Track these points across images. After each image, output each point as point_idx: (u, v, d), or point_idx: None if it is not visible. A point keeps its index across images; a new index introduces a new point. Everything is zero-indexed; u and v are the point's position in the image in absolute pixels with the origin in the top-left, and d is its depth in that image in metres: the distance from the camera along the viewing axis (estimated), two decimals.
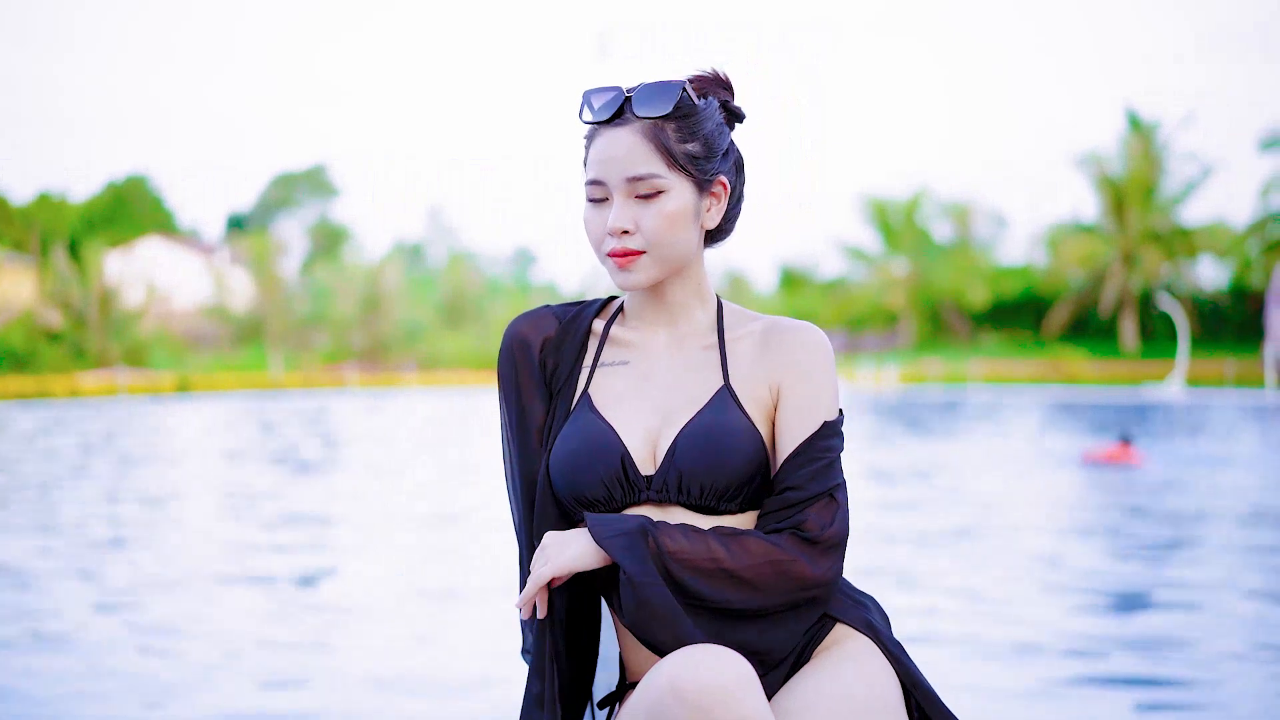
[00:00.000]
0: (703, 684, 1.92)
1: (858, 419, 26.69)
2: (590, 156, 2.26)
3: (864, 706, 2.12)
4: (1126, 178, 56.81)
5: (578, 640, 2.36)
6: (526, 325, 2.40)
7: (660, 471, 2.22)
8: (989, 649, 5.59)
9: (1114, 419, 26.08)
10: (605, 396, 2.32)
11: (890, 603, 5.77)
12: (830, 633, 2.25)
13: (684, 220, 2.25)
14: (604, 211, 2.25)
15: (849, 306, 64.91)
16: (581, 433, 2.26)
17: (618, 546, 2.11)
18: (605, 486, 2.23)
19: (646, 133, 2.21)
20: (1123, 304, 57.26)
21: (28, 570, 7.89)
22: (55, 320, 52.62)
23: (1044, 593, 7.09)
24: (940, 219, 65.72)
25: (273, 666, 5.32)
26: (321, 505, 11.54)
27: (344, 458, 17.90)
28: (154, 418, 28.12)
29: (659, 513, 2.22)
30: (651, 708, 1.96)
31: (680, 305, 2.35)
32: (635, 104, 2.22)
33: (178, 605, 6.77)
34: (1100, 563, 8.21)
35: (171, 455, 18.11)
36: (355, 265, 66.62)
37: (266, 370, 52.39)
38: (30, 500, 11.95)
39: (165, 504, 11.80)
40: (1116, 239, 56.79)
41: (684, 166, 2.23)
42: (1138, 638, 5.83)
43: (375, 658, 5.52)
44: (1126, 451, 15.12)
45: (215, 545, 9.17)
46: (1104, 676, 5.12)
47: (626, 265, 2.24)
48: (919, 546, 8.83)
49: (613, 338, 2.39)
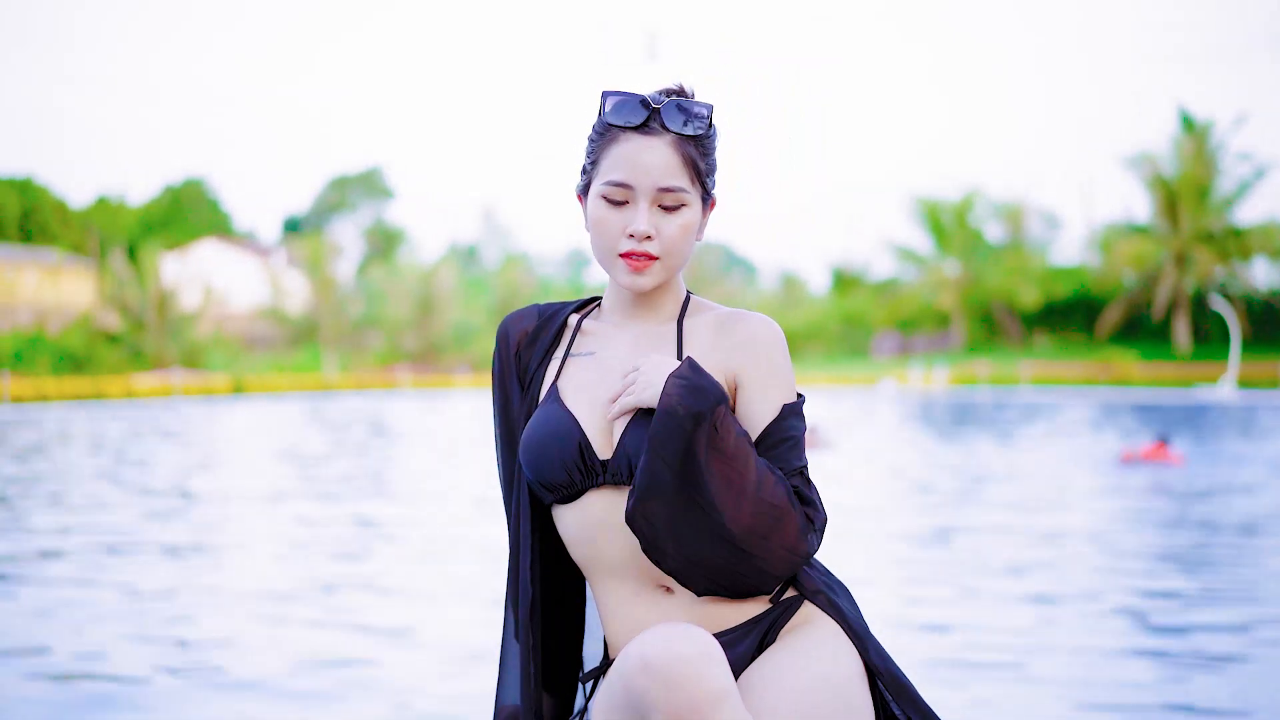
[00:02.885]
0: (671, 658, 2.04)
1: (903, 419, 26.74)
2: (612, 156, 2.37)
3: (825, 684, 2.24)
4: (1179, 178, 56.28)
5: (565, 620, 2.55)
6: (510, 322, 2.56)
7: (615, 457, 2.33)
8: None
9: (1159, 420, 25.99)
10: (570, 386, 2.44)
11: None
12: (797, 613, 2.37)
13: (694, 232, 2.39)
14: (622, 213, 2.36)
15: (900, 308, 64.56)
16: (544, 421, 2.39)
17: (673, 425, 2.23)
18: (565, 471, 2.35)
19: (677, 146, 2.35)
20: (1175, 305, 56.77)
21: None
22: (113, 322, 53.04)
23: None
24: (992, 220, 65.36)
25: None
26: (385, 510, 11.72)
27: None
28: (208, 418, 28.41)
29: (618, 495, 2.34)
30: (624, 681, 2.10)
31: (655, 303, 2.47)
32: (667, 117, 2.35)
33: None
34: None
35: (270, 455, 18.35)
36: (409, 267, 66.71)
37: (321, 372, 52.67)
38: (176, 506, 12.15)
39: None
40: (1169, 240, 56.30)
41: (701, 182, 2.39)
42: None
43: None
44: (1163, 451, 15.19)
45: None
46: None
47: (641, 269, 2.37)
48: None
49: (584, 330, 2.52)
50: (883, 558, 8.30)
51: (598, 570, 2.39)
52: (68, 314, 55.40)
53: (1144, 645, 5.65)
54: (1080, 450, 17.98)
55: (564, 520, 2.40)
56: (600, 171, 2.38)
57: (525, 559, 2.44)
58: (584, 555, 2.39)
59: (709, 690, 2.04)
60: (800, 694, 2.22)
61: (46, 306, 56.62)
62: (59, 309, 56.58)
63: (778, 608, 2.37)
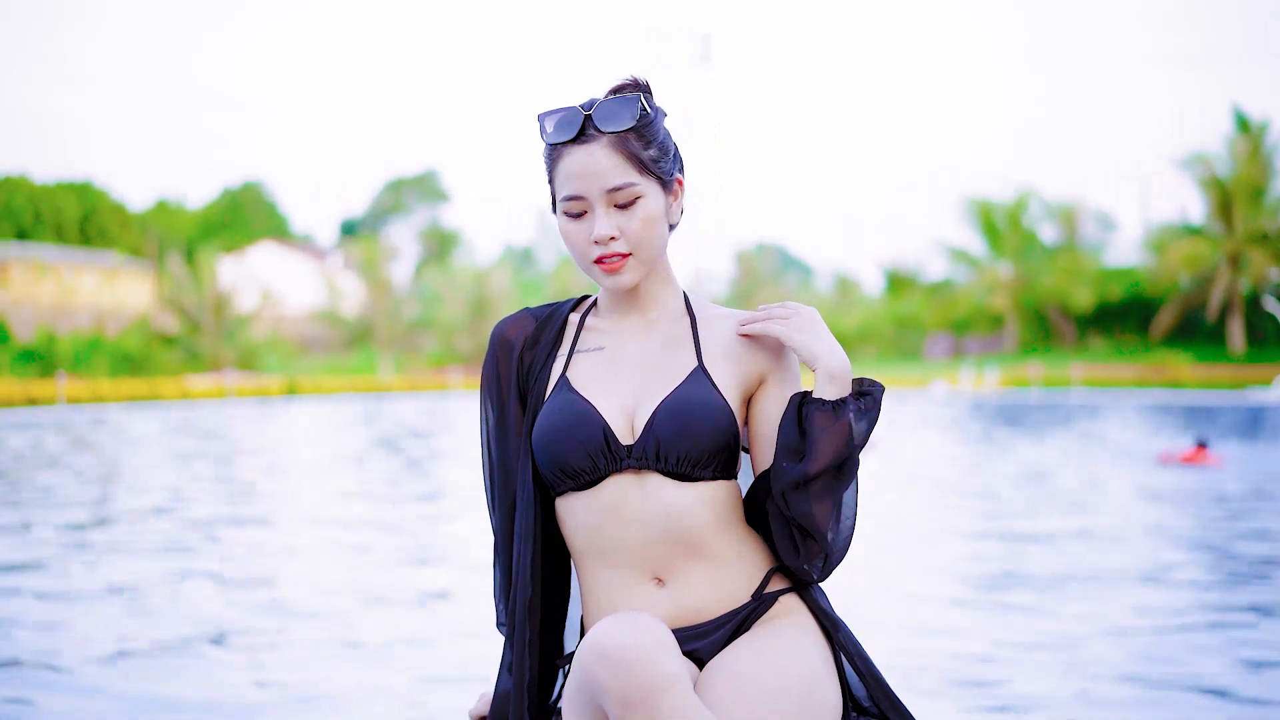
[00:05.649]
0: (622, 645, 2.10)
1: (950, 421, 26.72)
2: (561, 174, 2.41)
3: (788, 668, 2.31)
4: (1233, 178, 55.64)
5: (549, 611, 2.59)
6: (508, 326, 2.58)
7: (640, 440, 2.38)
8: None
9: (1204, 423, 25.82)
10: (582, 378, 2.48)
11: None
12: (774, 607, 2.44)
13: (659, 220, 2.42)
14: (584, 224, 2.41)
15: (953, 309, 64.08)
16: (562, 409, 2.43)
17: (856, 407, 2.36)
18: (589, 456, 2.39)
19: (615, 145, 2.37)
20: (1230, 307, 56.07)
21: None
22: (171, 324, 53.59)
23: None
24: (1046, 221, 64.86)
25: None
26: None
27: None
28: (263, 419, 28.68)
29: (636, 479, 2.40)
30: (581, 667, 2.17)
31: (650, 295, 2.52)
32: (598, 120, 2.37)
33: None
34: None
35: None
36: (464, 269, 66.75)
37: (376, 374, 52.95)
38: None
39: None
40: (1224, 241, 55.61)
41: (652, 171, 2.40)
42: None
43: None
44: (1203, 454, 15.16)
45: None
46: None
47: (616, 269, 2.41)
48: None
49: (588, 326, 2.56)
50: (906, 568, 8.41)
51: (595, 559, 2.44)
52: (126, 316, 55.88)
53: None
54: (1119, 452, 17.94)
55: (574, 508, 2.44)
56: (556, 190, 2.44)
57: (529, 555, 2.47)
58: (586, 543, 2.44)
59: (658, 676, 2.09)
60: (762, 679, 2.28)
61: (105, 309, 57.14)
62: (117, 311, 57.07)
63: (755, 601, 2.44)
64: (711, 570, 2.42)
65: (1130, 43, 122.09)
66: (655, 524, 2.39)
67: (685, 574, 2.41)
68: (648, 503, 2.38)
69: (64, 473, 15.12)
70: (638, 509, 2.39)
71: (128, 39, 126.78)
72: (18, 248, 58.73)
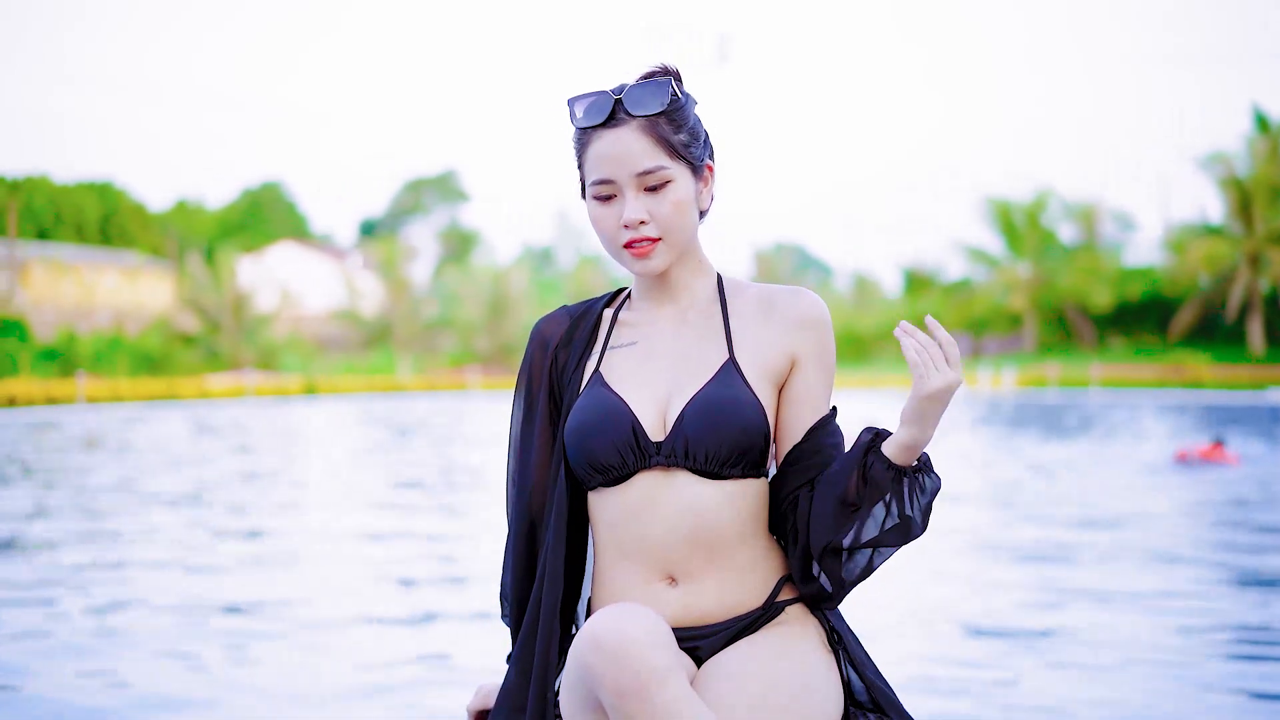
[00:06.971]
0: (618, 636, 2.13)
1: (965, 421, 26.68)
2: (590, 158, 2.43)
3: (787, 672, 2.33)
4: (1253, 178, 55.39)
5: (565, 605, 2.57)
6: (545, 325, 2.64)
7: (669, 438, 2.40)
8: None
9: (1224, 422, 25.77)
10: (615, 374, 2.50)
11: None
12: (781, 615, 2.46)
13: (689, 205, 2.43)
14: (614, 208, 2.43)
15: (971, 309, 63.89)
16: (594, 405, 2.45)
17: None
18: (618, 453, 2.41)
19: (645, 129, 2.39)
20: (1249, 307, 55.82)
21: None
22: (190, 324, 53.75)
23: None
24: (1065, 220, 64.65)
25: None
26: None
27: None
28: (279, 418, 28.76)
29: (665, 476, 2.41)
30: (577, 658, 2.18)
31: (682, 283, 2.54)
32: (629, 104, 2.39)
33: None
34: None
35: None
36: (483, 269, 66.76)
37: (394, 373, 53.03)
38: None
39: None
40: (1243, 240, 55.34)
41: (682, 155, 2.41)
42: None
43: None
44: (1220, 452, 15.15)
45: None
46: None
47: (646, 253, 2.42)
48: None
49: (621, 321, 2.58)
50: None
51: (614, 553, 2.46)
52: (146, 316, 56.04)
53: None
54: (1135, 450, 17.91)
55: (603, 504, 2.46)
56: (586, 174, 2.46)
57: (560, 551, 2.49)
58: (609, 537, 2.46)
59: (652, 667, 2.11)
60: (760, 677, 2.30)
61: (125, 308, 57.33)
62: (137, 311, 57.26)
63: (763, 609, 2.45)
64: (725, 577, 2.43)
65: (1153, 42, 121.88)
66: (679, 521, 2.40)
67: (699, 577, 2.42)
68: (674, 499, 2.40)
69: (76, 471, 15.17)
70: (664, 505, 2.40)
71: (151, 40, 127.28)
72: (38, 247, 58.95)
